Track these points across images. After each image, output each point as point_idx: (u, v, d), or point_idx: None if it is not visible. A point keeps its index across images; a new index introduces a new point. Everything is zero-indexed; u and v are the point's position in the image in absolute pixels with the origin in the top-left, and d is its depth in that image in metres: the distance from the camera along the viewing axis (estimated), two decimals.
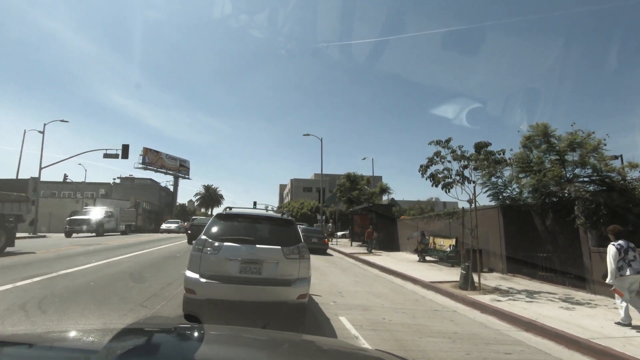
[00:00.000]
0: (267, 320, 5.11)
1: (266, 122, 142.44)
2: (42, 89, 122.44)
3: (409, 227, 21.04)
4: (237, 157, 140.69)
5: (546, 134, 11.50)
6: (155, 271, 9.45)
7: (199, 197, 73.85)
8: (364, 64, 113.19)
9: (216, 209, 74.38)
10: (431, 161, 9.62)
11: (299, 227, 5.87)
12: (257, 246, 5.12)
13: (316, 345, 2.02)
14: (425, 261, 15.49)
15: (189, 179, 63.25)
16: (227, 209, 5.89)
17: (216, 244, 5.06)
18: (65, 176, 39.60)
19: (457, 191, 9.36)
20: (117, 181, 63.92)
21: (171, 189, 62.48)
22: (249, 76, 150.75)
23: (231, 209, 5.95)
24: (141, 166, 53.61)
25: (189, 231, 20.54)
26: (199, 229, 9.58)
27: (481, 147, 9.19)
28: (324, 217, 33.65)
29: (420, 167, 9.86)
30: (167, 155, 57.61)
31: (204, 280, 4.82)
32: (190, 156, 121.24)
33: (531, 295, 8.37)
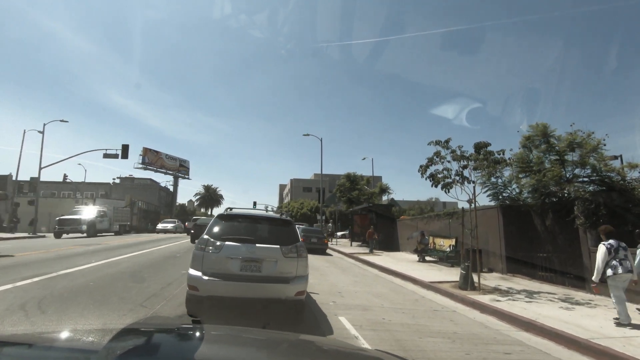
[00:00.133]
0: (267, 318, 5.22)
1: (266, 122, 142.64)
2: (42, 89, 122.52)
3: (409, 227, 21.05)
4: (237, 157, 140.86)
5: (546, 134, 11.52)
6: (155, 271, 9.45)
7: (198, 197, 73.89)
8: (363, 64, 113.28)
9: (216, 209, 74.47)
10: (431, 161, 9.63)
11: (299, 227, 6.08)
12: (257, 245, 5.29)
13: (316, 345, 2.02)
14: (425, 261, 15.50)
15: (188, 179, 63.35)
16: (228, 210, 6.06)
17: (218, 243, 5.24)
18: (65, 176, 39.58)
19: (456, 191, 9.39)
20: (117, 181, 63.96)
21: (171, 189, 62.52)
22: (249, 76, 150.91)
23: (232, 209, 6.11)
24: (141, 166, 53.61)
25: (192, 231, 21.26)
26: (202, 228, 9.79)
27: (481, 147, 9.21)
28: (323, 217, 33.65)
29: (420, 167, 9.88)
30: (167, 155, 57.62)
31: (206, 277, 4.99)
32: (190, 156, 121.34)
33: (531, 295, 8.38)
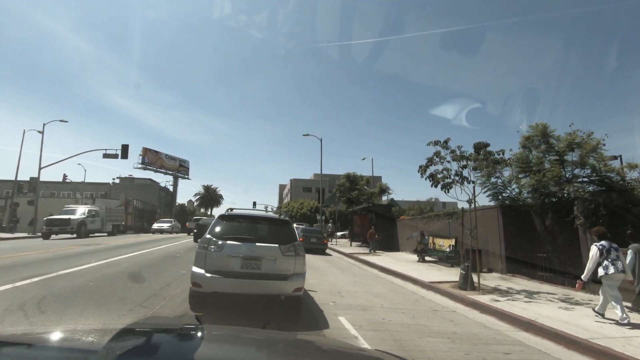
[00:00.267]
0: (266, 314, 5.49)
1: (266, 122, 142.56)
2: (42, 89, 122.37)
3: (409, 227, 21.05)
4: (236, 157, 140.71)
5: (545, 134, 11.53)
6: (154, 271, 9.45)
7: (198, 197, 73.88)
8: (363, 64, 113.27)
9: (216, 209, 74.54)
10: (430, 161, 9.64)
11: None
12: (256, 244, 5.56)
13: (315, 345, 2.02)
14: (424, 261, 15.50)
15: (188, 179, 63.30)
16: (229, 210, 6.32)
17: (219, 242, 5.50)
18: (64, 176, 39.55)
19: (456, 191, 9.40)
20: (117, 181, 64.00)
21: (171, 189, 62.46)
22: (249, 76, 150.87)
23: (232, 210, 6.37)
24: (141, 166, 53.56)
25: (194, 230, 22.51)
26: (204, 228, 10.22)
27: (480, 147, 9.22)
28: (323, 217, 33.64)
29: (419, 167, 9.89)
30: (166, 155, 57.58)
31: (209, 275, 5.27)
32: (189, 156, 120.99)
33: (530, 295, 8.38)
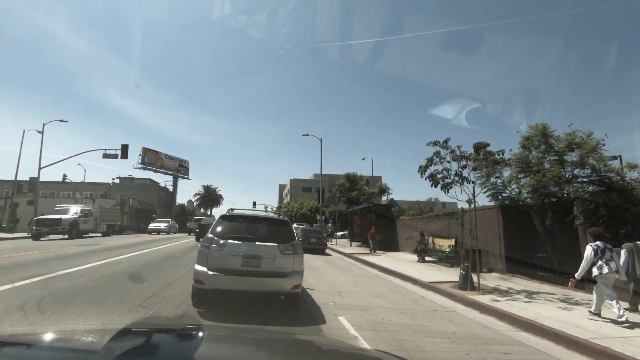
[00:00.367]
0: (266, 311, 5.71)
1: (266, 122, 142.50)
2: (42, 89, 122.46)
3: (409, 227, 21.05)
4: (236, 157, 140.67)
5: (545, 135, 11.53)
6: (154, 271, 9.45)
7: (198, 197, 73.85)
8: (363, 64, 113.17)
9: (215, 209, 74.55)
10: (430, 161, 9.63)
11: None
12: (256, 243, 5.79)
13: (315, 345, 2.02)
14: (424, 261, 15.51)
15: (188, 179, 63.28)
16: (230, 211, 6.58)
17: (221, 241, 5.74)
18: (64, 176, 39.49)
19: (456, 191, 9.37)
20: (117, 181, 63.97)
21: (170, 189, 62.44)
22: (249, 76, 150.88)
23: (233, 210, 6.63)
24: (140, 166, 53.51)
25: (197, 230, 23.60)
26: (206, 228, 10.43)
27: (480, 147, 9.21)
28: (323, 218, 33.63)
29: (419, 167, 9.88)
30: (166, 155, 57.55)
31: (211, 272, 5.50)
32: (189, 156, 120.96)
33: (530, 295, 8.38)
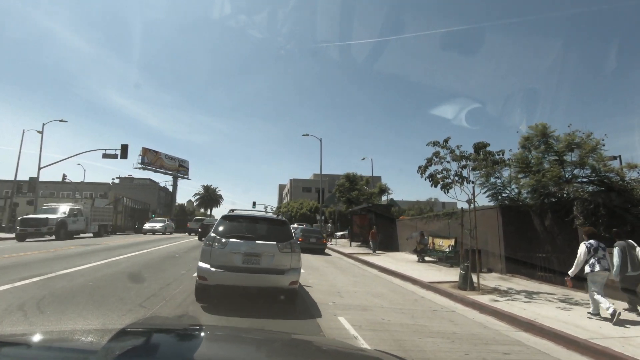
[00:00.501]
0: (265, 306, 6.06)
1: (265, 122, 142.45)
2: (41, 89, 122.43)
3: (408, 228, 21.05)
4: (236, 157, 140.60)
5: (545, 135, 11.53)
6: (154, 271, 9.44)
7: (198, 197, 73.77)
8: (363, 64, 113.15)
9: (215, 209, 74.53)
10: (430, 161, 9.63)
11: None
12: (256, 242, 6.12)
13: (315, 345, 2.02)
14: (424, 261, 15.50)
15: (188, 179, 63.10)
16: (231, 211, 6.92)
17: (223, 240, 6.06)
18: (64, 176, 39.49)
19: (456, 191, 9.36)
20: (116, 181, 63.91)
21: (170, 189, 62.34)
22: (249, 76, 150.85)
23: (234, 211, 6.95)
24: (140, 166, 53.36)
25: (200, 230, 24.75)
26: (208, 228, 12.21)
27: (480, 147, 9.21)
28: (323, 218, 33.62)
29: (419, 167, 9.87)
30: (166, 155, 57.41)
31: (213, 269, 5.83)
32: (189, 156, 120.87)
33: (530, 295, 8.38)
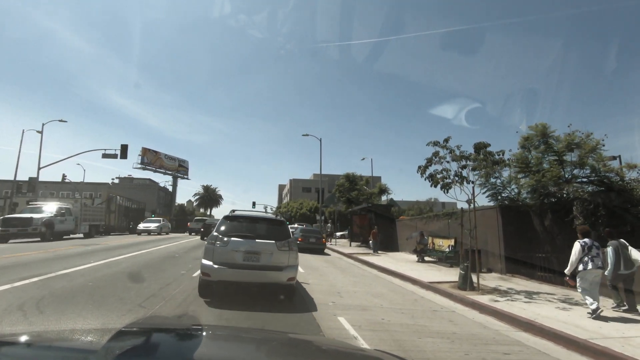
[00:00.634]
0: (264, 300, 6.39)
1: (265, 122, 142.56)
2: (41, 89, 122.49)
3: (408, 228, 21.04)
4: (236, 157, 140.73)
5: (545, 135, 11.53)
6: (154, 271, 9.44)
7: (198, 197, 73.77)
8: (363, 64, 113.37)
9: (215, 209, 74.59)
10: (430, 161, 9.62)
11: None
12: (256, 240, 6.50)
13: (315, 345, 2.02)
14: (424, 261, 15.50)
15: (188, 179, 63.05)
16: (232, 212, 7.28)
17: (225, 239, 6.44)
18: (63, 176, 39.35)
19: (455, 191, 9.35)
20: (116, 181, 63.95)
21: (170, 189, 62.31)
22: (249, 76, 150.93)
23: (235, 211, 7.30)
24: (140, 166, 53.32)
25: (202, 229, 25.72)
26: (210, 227, 13.35)
27: (480, 147, 9.20)
28: (323, 218, 33.60)
29: (418, 167, 9.86)
30: (166, 155, 57.37)
31: (216, 266, 6.22)
32: (189, 156, 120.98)
33: (530, 295, 8.38)
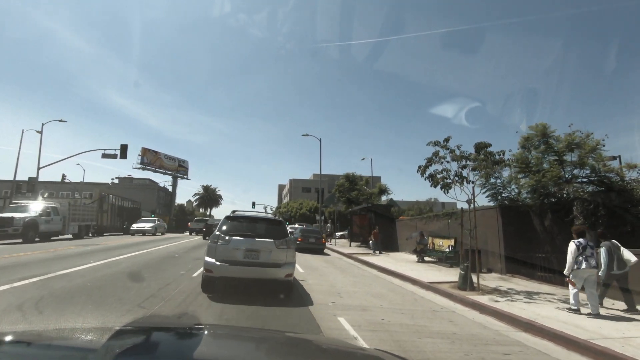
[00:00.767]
0: (263, 295, 6.79)
1: (265, 122, 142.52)
2: (41, 88, 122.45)
3: (408, 228, 21.04)
4: (236, 158, 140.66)
5: (545, 135, 11.53)
6: (153, 272, 9.43)
7: (197, 198, 73.72)
8: (363, 64, 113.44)
9: (215, 209, 74.60)
10: (430, 161, 9.60)
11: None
12: (255, 239, 6.91)
13: (315, 344, 2.01)
14: (424, 261, 15.49)
15: (187, 179, 62.98)
16: (233, 212, 7.73)
17: (226, 237, 6.86)
18: (63, 176, 39.40)
19: (455, 192, 9.33)
20: (116, 181, 63.88)
21: (170, 189, 62.28)
22: (248, 76, 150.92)
23: (235, 212, 7.75)
24: (140, 166, 53.25)
25: (204, 229, 26.97)
26: (212, 227, 15.14)
27: (481, 147, 9.18)
28: (322, 218, 33.59)
29: (419, 167, 9.85)
30: (165, 155, 57.31)
31: (218, 263, 6.65)
32: (189, 156, 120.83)
33: (530, 295, 8.37)
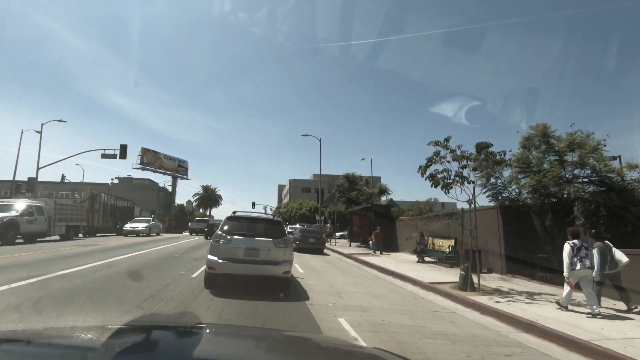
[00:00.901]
0: (263, 291, 7.16)
1: (265, 122, 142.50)
2: (40, 88, 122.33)
3: (408, 228, 21.02)
4: (235, 158, 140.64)
5: (545, 134, 11.52)
6: (153, 272, 9.41)
7: (197, 198, 73.75)
8: (363, 63, 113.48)
9: (215, 210, 74.78)
10: (430, 161, 9.58)
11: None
12: (255, 238, 7.35)
13: (314, 342, 2.00)
14: (424, 262, 15.48)
15: (187, 179, 62.94)
16: (234, 213, 8.16)
17: (228, 237, 7.31)
18: (63, 176, 39.58)
19: (456, 192, 9.30)
20: (115, 181, 63.85)
21: (170, 189, 62.28)
22: (248, 75, 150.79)
23: (236, 212, 8.19)
24: (139, 166, 53.24)
25: (206, 229, 28.07)
26: (213, 227, 16.49)
27: (482, 147, 9.16)
28: (322, 218, 33.58)
29: (419, 167, 9.83)
30: (165, 155, 57.30)
31: (220, 261, 7.12)
32: (188, 156, 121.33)
33: (531, 296, 8.36)
